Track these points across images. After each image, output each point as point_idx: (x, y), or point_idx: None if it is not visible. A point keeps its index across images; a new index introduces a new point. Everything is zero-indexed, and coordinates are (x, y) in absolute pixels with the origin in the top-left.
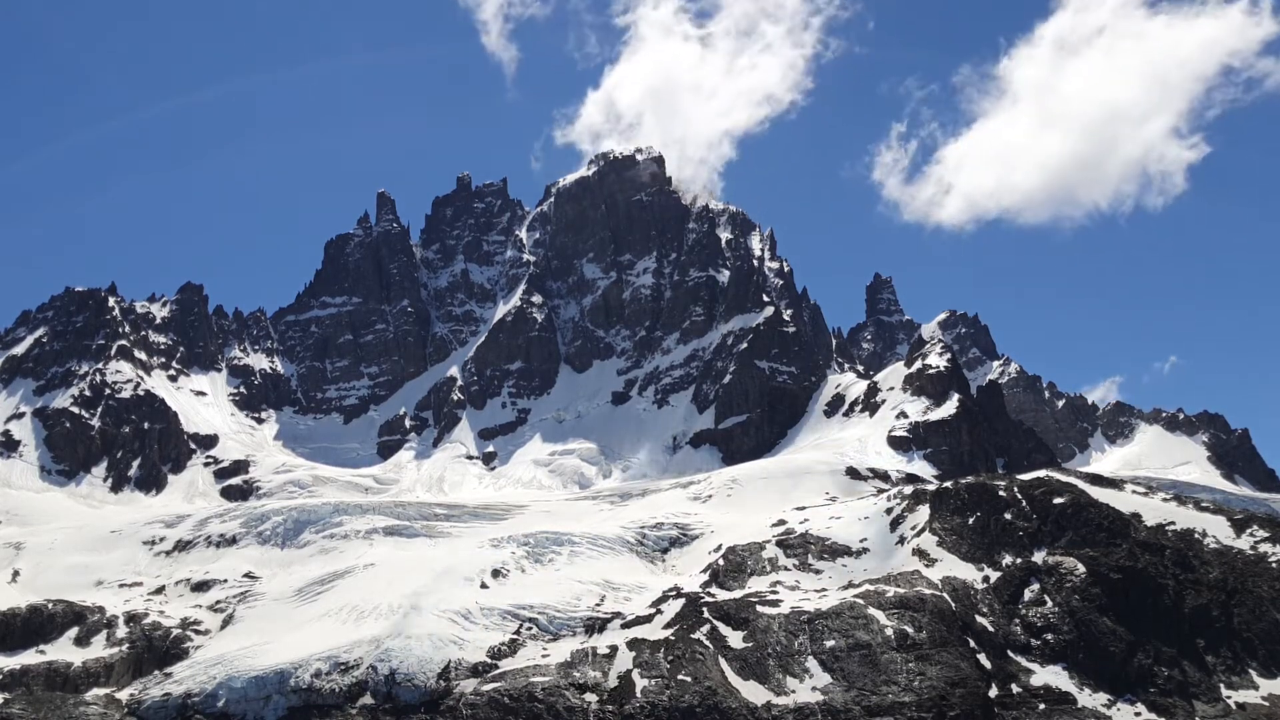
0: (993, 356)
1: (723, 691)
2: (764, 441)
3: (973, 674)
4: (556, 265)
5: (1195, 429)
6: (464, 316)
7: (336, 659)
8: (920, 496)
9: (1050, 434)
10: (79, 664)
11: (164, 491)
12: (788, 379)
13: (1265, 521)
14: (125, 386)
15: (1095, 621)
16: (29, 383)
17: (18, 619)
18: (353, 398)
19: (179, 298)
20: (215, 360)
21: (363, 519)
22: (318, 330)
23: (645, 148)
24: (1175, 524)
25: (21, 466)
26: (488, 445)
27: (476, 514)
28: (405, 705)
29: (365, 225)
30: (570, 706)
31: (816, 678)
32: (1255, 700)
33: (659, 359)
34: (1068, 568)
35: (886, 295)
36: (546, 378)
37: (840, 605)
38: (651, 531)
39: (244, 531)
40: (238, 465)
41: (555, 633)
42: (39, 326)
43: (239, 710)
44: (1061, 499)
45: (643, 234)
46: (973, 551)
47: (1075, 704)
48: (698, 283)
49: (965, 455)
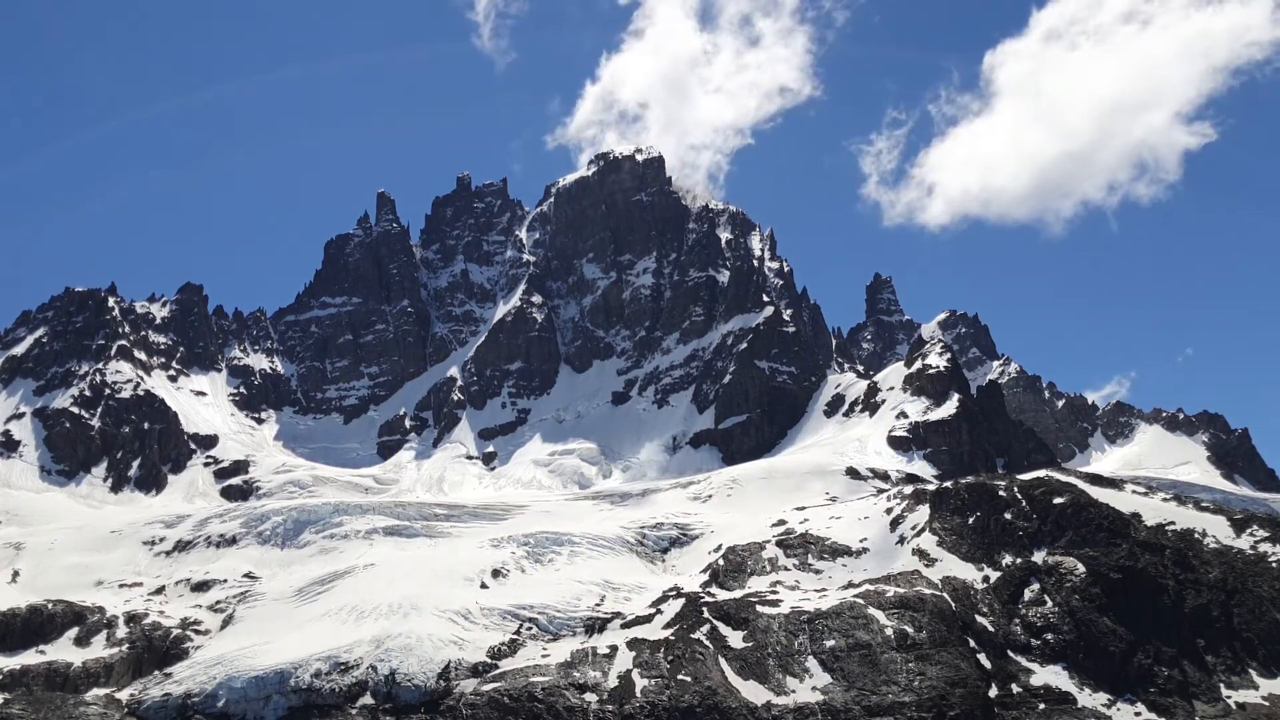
0: (993, 356)
1: (723, 691)
2: (764, 441)
3: (973, 674)
4: (556, 265)
5: (1195, 429)
6: (464, 316)
7: (336, 659)
8: (920, 496)
9: (1050, 434)
10: (79, 664)
11: (164, 491)
12: (788, 379)
13: (1265, 521)
14: (125, 386)
15: (1095, 621)
16: (29, 383)
17: (18, 619)
18: (353, 398)
19: (179, 298)
20: (215, 360)
21: (363, 519)
22: (318, 330)
23: (645, 147)
24: (1175, 524)
25: (21, 466)
26: (488, 445)
27: (476, 514)
28: (405, 705)
29: (365, 225)
30: (570, 706)
31: (816, 678)
32: (1255, 700)
33: (659, 359)
34: (1068, 568)
35: (886, 295)
36: (546, 378)
37: (840, 605)
38: (651, 531)
39: (244, 531)
40: (238, 465)
41: (555, 633)
42: (39, 326)
43: (239, 710)
44: (1061, 499)
45: (643, 234)
46: (973, 551)
47: (1075, 704)
48: (698, 283)
49: (965, 455)
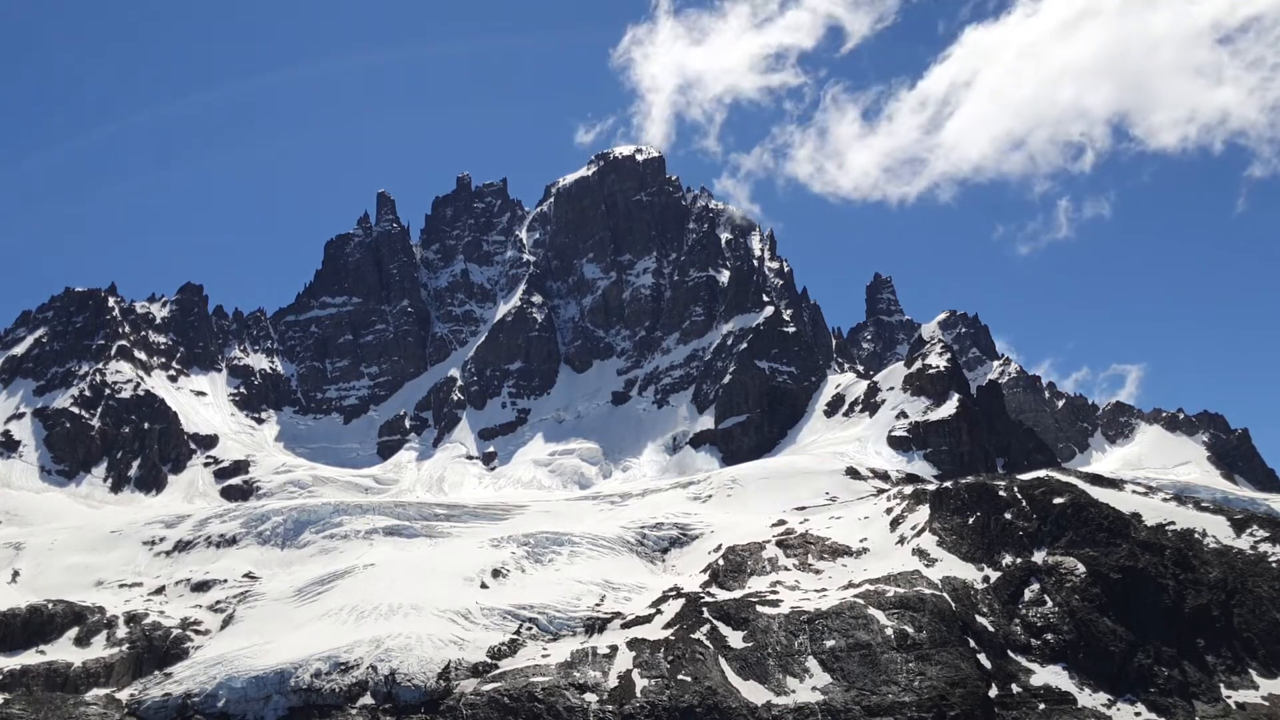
0: (993, 356)
1: (723, 691)
2: (764, 441)
3: (973, 674)
4: (556, 265)
5: (1195, 429)
6: (464, 316)
7: (336, 659)
8: (920, 496)
9: (1050, 434)
10: (79, 664)
11: (164, 491)
12: (788, 379)
13: (1265, 521)
14: (125, 387)
15: (1095, 621)
16: (29, 383)
17: (18, 619)
18: (353, 398)
19: (179, 298)
20: (215, 360)
21: (363, 519)
22: (318, 330)
23: (645, 147)
24: (1175, 524)
25: (21, 467)
26: (488, 445)
27: (476, 514)
28: (405, 705)
29: (365, 225)
30: (570, 706)
31: (816, 678)
32: (1255, 700)
33: (659, 359)
34: (1068, 568)
35: (886, 295)
36: (546, 378)
37: (840, 605)
38: (651, 531)
39: (244, 531)
40: (238, 465)
41: (555, 633)
42: (39, 326)
43: (239, 710)
44: (1061, 499)
45: (643, 234)
46: (973, 551)
47: (1075, 704)
48: (698, 283)
49: (965, 455)
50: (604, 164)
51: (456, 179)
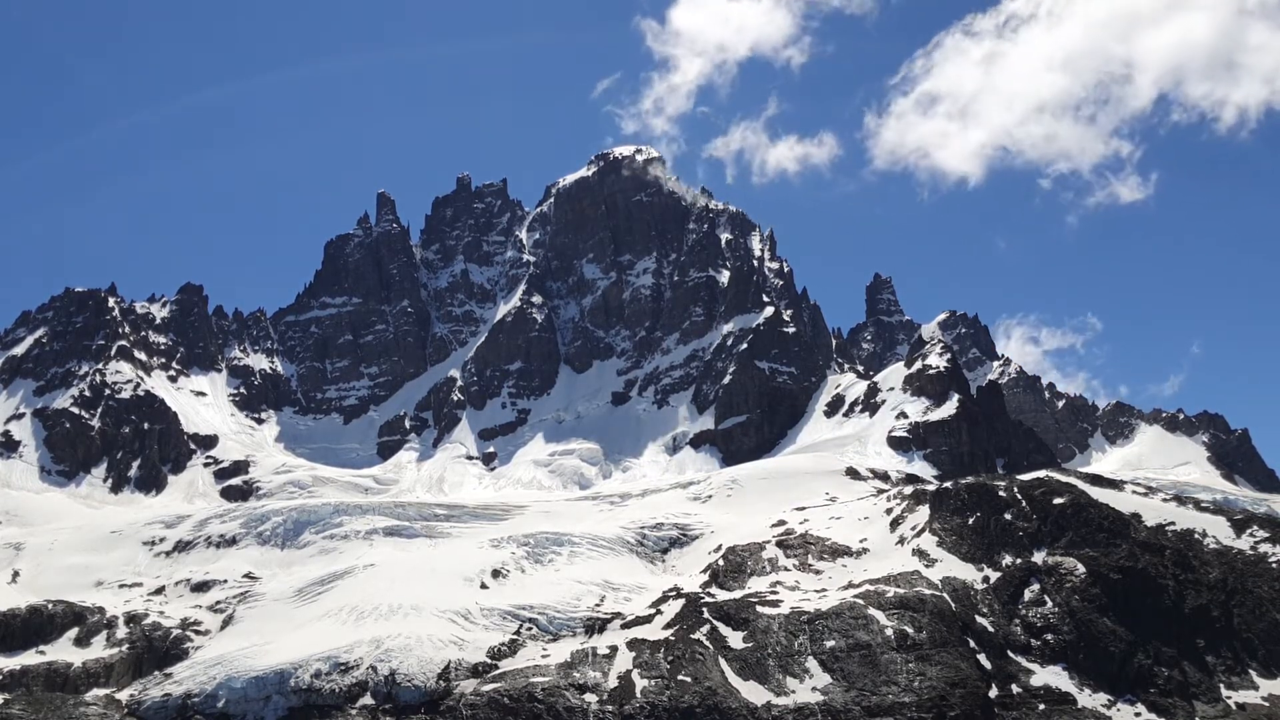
0: (992, 357)
1: (723, 692)
2: (764, 442)
3: (973, 674)
4: (556, 265)
5: (1195, 429)
6: (464, 317)
7: (336, 659)
8: (920, 497)
9: (1050, 434)
10: (79, 664)
11: (164, 492)
12: (788, 379)
13: (1265, 521)
14: (125, 387)
15: (1095, 622)
16: (29, 383)
17: (18, 619)
18: (353, 398)
19: (179, 298)
20: (215, 361)
21: (363, 519)
22: (318, 330)
23: (644, 147)
24: (1175, 524)
25: (21, 467)
26: (488, 445)
27: (476, 514)
28: (405, 705)
29: (365, 225)
30: (570, 707)
31: (816, 678)
32: (1255, 700)
33: (659, 359)
34: (1068, 568)
35: (886, 295)
36: (546, 378)
37: (840, 605)
38: (651, 532)
39: (244, 532)
40: (238, 465)
41: (555, 633)
42: (39, 327)
43: (239, 710)
44: (1061, 499)
45: (643, 234)
46: (973, 552)
47: (1075, 704)
48: (697, 283)
49: (965, 455)
50: (604, 164)
51: (456, 179)
